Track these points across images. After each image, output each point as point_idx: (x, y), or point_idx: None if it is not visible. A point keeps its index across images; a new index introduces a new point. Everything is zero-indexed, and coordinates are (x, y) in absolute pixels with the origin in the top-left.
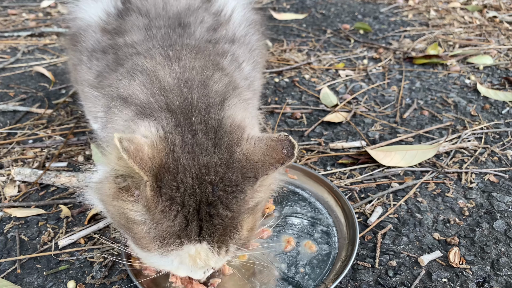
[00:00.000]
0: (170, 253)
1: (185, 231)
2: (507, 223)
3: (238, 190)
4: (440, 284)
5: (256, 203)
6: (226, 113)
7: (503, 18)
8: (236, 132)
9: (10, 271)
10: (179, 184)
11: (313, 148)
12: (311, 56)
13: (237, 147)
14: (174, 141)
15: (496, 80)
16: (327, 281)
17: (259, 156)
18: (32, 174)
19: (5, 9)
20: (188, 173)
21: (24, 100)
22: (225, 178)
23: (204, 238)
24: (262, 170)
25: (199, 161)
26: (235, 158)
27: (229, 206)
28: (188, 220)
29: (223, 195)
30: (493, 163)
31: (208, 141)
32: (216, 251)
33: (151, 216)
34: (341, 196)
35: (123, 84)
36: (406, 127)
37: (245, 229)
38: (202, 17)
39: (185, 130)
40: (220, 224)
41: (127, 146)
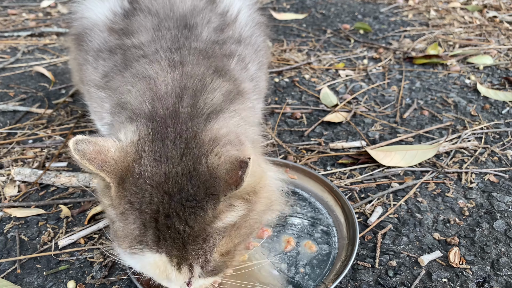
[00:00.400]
0: (134, 255)
1: (143, 238)
2: (507, 223)
3: (197, 206)
4: (440, 284)
5: (229, 224)
6: (210, 124)
7: (503, 18)
8: (209, 144)
9: (10, 271)
10: (138, 189)
11: (313, 148)
12: (311, 56)
13: (203, 159)
14: (144, 147)
15: (496, 80)
16: (327, 281)
17: (222, 174)
18: (32, 174)
19: (5, 9)
20: (149, 180)
21: (24, 100)
22: (184, 191)
23: (163, 249)
24: (223, 190)
25: (161, 169)
26: (199, 171)
27: (187, 221)
28: (146, 227)
29: (180, 208)
30: (493, 163)
31: (176, 151)
32: (176, 267)
33: (116, 216)
34: (341, 196)
35: (125, 90)
36: (406, 127)
37: (217, 252)
38: (209, 17)
39: (158, 138)
40: (178, 239)
41: (84, 148)
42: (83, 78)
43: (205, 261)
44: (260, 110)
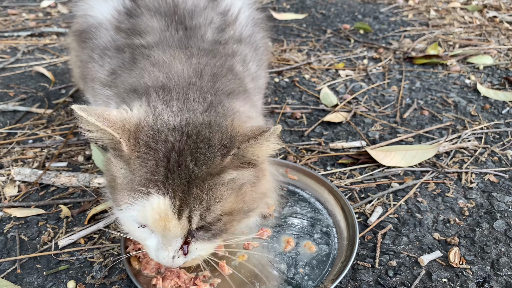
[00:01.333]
0: (136, 202)
1: (153, 177)
2: (507, 223)
3: (209, 150)
4: (440, 284)
5: (235, 182)
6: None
7: (503, 18)
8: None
9: (10, 271)
10: (155, 132)
11: (313, 148)
12: (311, 56)
13: (229, 118)
14: (157, 105)
15: (496, 80)
16: (327, 281)
17: (244, 130)
18: (32, 174)
19: (5, 9)
20: (166, 124)
21: (24, 100)
22: (201, 134)
23: (168, 191)
24: (238, 142)
25: (182, 117)
26: (220, 123)
27: (197, 160)
28: (157, 165)
29: (194, 146)
30: (493, 163)
31: (199, 106)
32: (176, 212)
33: (129, 167)
34: (341, 196)
35: (135, 78)
36: (406, 127)
37: (219, 206)
38: (211, 17)
39: (174, 98)
40: (185, 179)
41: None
42: (87, 76)
43: (206, 210)
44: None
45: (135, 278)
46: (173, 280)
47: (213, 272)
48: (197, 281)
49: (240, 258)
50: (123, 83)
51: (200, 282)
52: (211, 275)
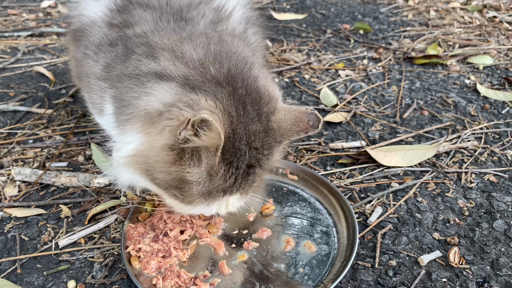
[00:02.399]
0: (212, 204)
1: (231, 188)
2: (507, 223)
3: (270, 153)
4: (440, 284)
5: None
6: (259, 83)
7: (503, 18)
8: (272, 102)
9: (11, 271)
10: (236, 150)
11: (313, 148)
12: (311, 56)
13: (272, 116)
14: (231, 113)
15: (496, 80)
16: (326, 281)
17: (287, 125)
18: (32, 174)
19: (5, 9)
20: (242, 140)
21: (24, 100)
22: (265, 144)
23: (239, 190)
24: (287, 136)
25: (249, 129)
26: (270, 126)
27: (262, 166)
28: (236, 180)
29: (261, 158)
30: (493, 163)
31: (254, 111)
32: (243, 199)
33: (209, 178)
34: (341, 196)
35: (147, 62)
36: (406, 127)
37: (260, 178)
38: (204, 11)
39: (237, 102)
40: (252, 180)
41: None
42: (82, 73)
43: (254, 186)
44: None
45: (135, 278)
46: (173, 280)
47: (213, 272)
48: (197, 281)
49: (240, 258)
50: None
51: (200, 282)
52: (211, 275)
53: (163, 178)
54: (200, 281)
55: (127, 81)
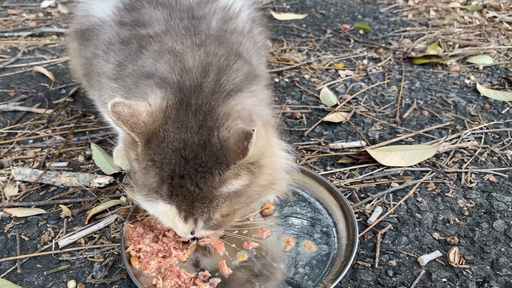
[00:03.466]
0: (149, 202)
1: (160, 189)
2: (507, 223)
3: (207, 172)
4: (439, 284)
5: (233, 191)
6: (228, 101)
7: (503, 18)
8: (222, 119)
9: (11, 270)
10: (161, 151)
11: (313, 148)
12: (311, 56)
13: (215, 132)
14: (170, 115)
15: (495, 80)
16: (326, 281)
17: (231, 145)
18: (32, 174)
19: (5, 9)
20: (171, 145)
21: (24, 100)
22: (198, 158)
23: (174, 202)
24: (232, 159)
25: (181, 137)
26: (212, 142)
27: (197, 183)
28: (162, 181)
29: (193, 172)
30: (492, 163)
31: (195, 122)
32: (182, 219)
33: (140, 168)
34: (341, 196)
35: (149, 62)
36: (406, 127)
37: (219, 212)
38: (214, 9)
39: (182, 108)
40: (188, 197)
41: (120, 110)
42: (92, 72)
43: (208, 218)
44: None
45: (135, 278)
46: (173, 280)
47: (213, 272)
48: (197, 281)
49: (240, 258)
50: (133, 72)
51: (200, 282)
52: (211, 275)
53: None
54: (200, 281)
55: (130, 80)
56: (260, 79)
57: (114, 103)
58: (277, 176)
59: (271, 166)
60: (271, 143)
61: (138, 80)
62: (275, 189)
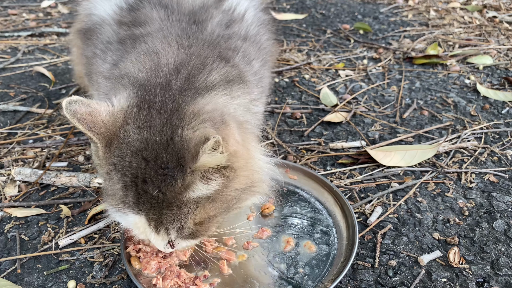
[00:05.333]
0: (119, 213)
1: (125, 199)
2: (507, 223)
3: (168, 174)
4: (440, 284)
5: (204, 196)
6: (197, 99)
7: (503, 18)
8: (189, 117)
9: (11, 270)
10: (121, 153)
11: (313, 148)
12: (311, 56)
13: (179, 130)
14: (131, 114)
15: (496, 80)
16: (326, 281)
17: (191, 147)
18: (32, 174)
19: (5, 9)
20: (130, 146)
21: (24, 100)
22: (159, 158)
23: (142, 212)
24: (189, 162)
25: (143, 136)
26: (174, 140)
27: (160, 187)
28: (127, 189)
29: (154, 174)
30: (492, 163)
31: (159, 120)
32: (153, 229)
33: (103, 174)
34: (341, 196)
35: (129, 63)
36: (406, 127)
37: (191, 220)
38: (215, 14)
39: (144, 107)
40: (154, 204)
41: (76, 108)
42: (91, 71)
43: (180, 227)
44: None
45: (135, 278)
46: (173, 280)
47: (213, 272)
48: (197, 281)
49: (239, 258)
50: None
51: (200, 282)
52: (211, 274)
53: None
54: (200, 281)
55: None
56: (246, 85)
57: (70, 101)
58: (256, 178)
59: (248, 168)
60: (248, 146)
61: (115, 81)
62: (256, 192)
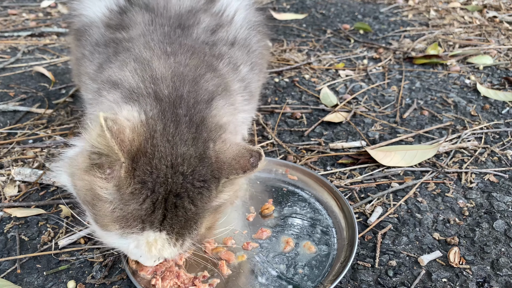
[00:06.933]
0: (129, 235)
1: (150, 217)
2: (507, 223)
3: (204, 187)
4: (440, 284)
5: (220, 204)
6: (212, 112)
7: (503, 18)
8: (216, 130)
9: (10, 271)
10: (153, 169)
11: (313, 148)
12: (311, 56)
13: (211, 144)
14: (155, 127)
15: (496, 80)
16: (326, 282)
17: (227, 158)
18: (32, 174)
19: (5, 9)
20: (164, 160)
21: (24, 100)
22: (196, 172)
23: (165, 228)
24: (226, 173)
25: (176, 151)
26: (207, 154)
27: (193, 200)
28: (155, 207)
29: (190, 188)
30: (493, 163)
31: (189, 134)
32: (173, 243)
33: (119, 196)
34: (340, 197)
35: (115, 69)
36: (406, 127)
37: (204, 226)
38: (203, 18)
39: (168, 119)
40: (182, 217)
41: (111, 125)
42: (81, 72)
43: (196, 235)
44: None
45: (134, 278)
46: (172, 281)
47: (212, 273)
48: (196, 282)
49: (239, 258)
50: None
51: (199, 283)
52: (210, 275)
53: (80, 186)
54: (199, 281)
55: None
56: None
57: (106, 118)
58: (241, 183)
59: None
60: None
61: (101, 87)
62: (237, 196)
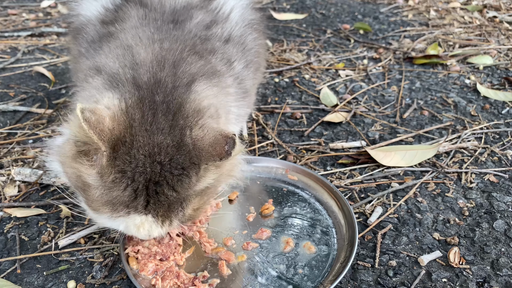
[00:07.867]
0: (117, 218)
1: (133, 203)
2: (507, 223)
3: (183, 174)
4: (440, 284)
5: (204, 187)
6: (191, 96)
7: (503, 18)
8: (193, 116)
9: (10, 271)
10: (132, 159)
11: (313, 148)
12: (311, 56)
13: (188, 131)
14: (134, 116)
15: (496, 80)
16: (326, 282)
17: (204, 145)
18: (32, 174)
19: (5, 9)
20: (142, 150)
21: (24, 100)
22: (173, 160)
23: (150, 211)
24: (204, 159)
25: (153, 140)
26: (185, 142)
27: (174, 187)
28: (136, 194)
29: (169, 176)
30: (493, 163)
31: (166, 122)
32: (160, 224)
33: (103, 183)
34: (340, 197)
35: (102, 56)
36: (406, 127)
37: (191, 208)
38: (197, 14)
39: (146, 107)
40: (165, 201)
41: (88, 116)
42: (77, 69)
43: (182, 216)
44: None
45: (134, 278)
46: (172, 281)
47: (212, 273)
48: (196, 282)
49: (239, 258)
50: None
51: (199, 283)
52: (210, 275)
53: (70, 173)
54: (199, 281)
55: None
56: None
57: (83, 110)
58: (235, 163)
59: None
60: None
61: (87, 73)
62: (232, 175)
